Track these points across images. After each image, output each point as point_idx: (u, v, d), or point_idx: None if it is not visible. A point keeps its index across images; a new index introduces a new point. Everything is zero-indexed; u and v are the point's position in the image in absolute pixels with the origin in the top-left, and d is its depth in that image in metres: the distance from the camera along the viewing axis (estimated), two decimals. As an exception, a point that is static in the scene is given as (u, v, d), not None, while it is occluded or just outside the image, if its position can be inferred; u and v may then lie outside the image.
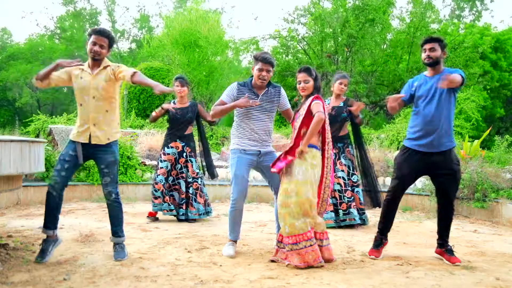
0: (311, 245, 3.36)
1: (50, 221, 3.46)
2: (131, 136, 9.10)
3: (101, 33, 3.46)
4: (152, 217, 5.34)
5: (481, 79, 14.53)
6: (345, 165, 5.07)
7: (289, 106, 3.95)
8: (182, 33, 11.73)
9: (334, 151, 5.05)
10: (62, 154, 3.46)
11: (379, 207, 5.04)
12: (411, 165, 3.65)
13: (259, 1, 40.72)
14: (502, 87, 16.25)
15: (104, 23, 34.14)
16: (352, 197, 5.02)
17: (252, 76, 3.77)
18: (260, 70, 3.65)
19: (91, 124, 3.44)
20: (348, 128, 5.28)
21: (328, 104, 5.13)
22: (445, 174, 3.60)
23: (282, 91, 3.87)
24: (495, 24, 36.25)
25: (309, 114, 3.48)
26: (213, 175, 5.55)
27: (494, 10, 45.65)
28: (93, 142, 3.45)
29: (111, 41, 3.52)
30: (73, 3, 31.79)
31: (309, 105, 3.48)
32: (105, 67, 3.51)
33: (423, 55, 3.67)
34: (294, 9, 15.01)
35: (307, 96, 3.58)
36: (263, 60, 3.64)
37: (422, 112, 3.60)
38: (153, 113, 5.31)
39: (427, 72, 3.73)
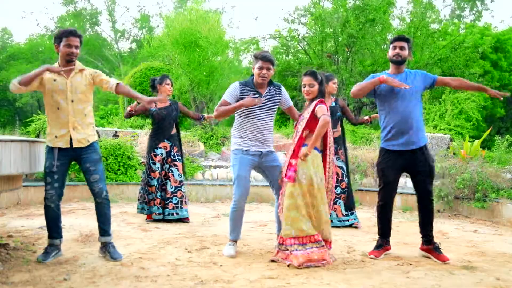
0: (317, 247, 3.37)
1: (54, 231, 3.48)
2: (131, 136, 9.10)
3: (74, 33, 3.41)
4: (151, 219, 5.32)
5: (481, 79, 14.52)
6: (338, 166, 5.06)
7: (291, 103, 3.95)
8: (182, 33, 11.71)
9: None
10: (47, 167, 3.43)
11: (354, 208, 5.18)
12: (394, 168, 3.70)
13: (259, 1, 40.70)
14: (503, 87, 16.22)
15: (104, 23, 34.14)
16: (336, 199, 5.04)
17: (253, 75, 3.76)
18: (261, 68, 3.65)
19: (70, 128, 3.41)
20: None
21: None
22: (423, 171, 3.66)
23: (283, 89, 3.89)
24: (495, 24, 36.22)
25: (313, 118, 3.50)
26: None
27: (495, 10, 45.63)
28: (75, 146, 3.43)
29: (81, 40, 3.49)
30: (73, 3, 31.76)
31: (313, 109, 3.50)
32: (80, 70, 3.49)
33: (393, 52, 3.68)
34: (294, 9, 15.01)
35: (311, 100, 3.60)
36: (263, 58, 3.65)
37: (398, 110, 3.63)
38: (128, 108, 5.19)
39: (390, 70, 3.75)
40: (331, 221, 5.00)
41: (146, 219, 5.31)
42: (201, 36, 11.49)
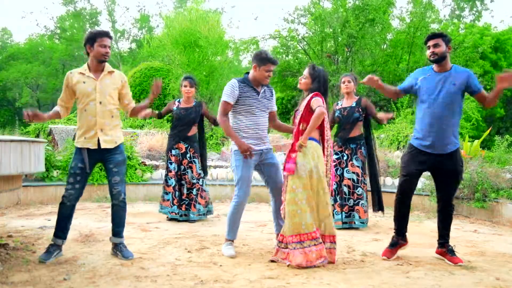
0: (315, 245, 3.36)
1: (61, 230, 3.49)
2: (131, 136, 9.10)
3: (108, 34, 3.49)
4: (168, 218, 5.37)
5: (481, 79, 14.54)
6: (357, 166, 5.01)
7: (275, 108, 4.02)
8: (182, 33, 11.73)
9: (347, 152, 5.04)
10: (72, 167, 3.45)
11: (382, 211, 5.04)
12: (416, 163, 3.62)
13: (259, 1, 40.71)
14: (502, 87, 16.22)
15: (104, 23, 34.13)
16: (358, 201, 4.98)
17: (247, 73, 3.81)
18: (269, 70, 3.70)
19: (98, 129, 3.44)
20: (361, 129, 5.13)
21: (341, 105, 5.12)
22: (448, 174, 3.59)
23: (273, 91, 3.97)
24: (495, 24, 36.23)
25: (308, 110, 3.51)
26: (205, 172, 5.56)
27: (494, 10, 45.73)
28: (102, 147, 3.46)
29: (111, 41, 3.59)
30: (73, 3, 31.79)
31: (308, 102, 3.52)
32: (110, 72, 3.53)
33: (428, 52, 3.58)
34: (294, 9, 15.03)
35: (308, 93, 3.61)
36: (274, 62, 3.71)
37: (428, 110, 3.54)
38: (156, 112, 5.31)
39: (434, 67, 3.63)
40: (354, 222, 5.00)
41: (167, 219, 5.38)
42: (201, 36, 11.50)
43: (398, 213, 3.76)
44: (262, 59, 3.68)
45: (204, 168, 5.47)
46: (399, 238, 3.76)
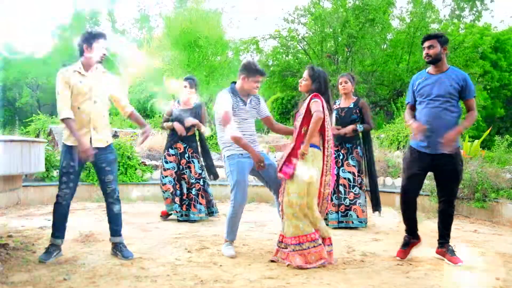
0: (314, 246, 3.36)
1: (59, 230, 3.49)
2: (131, 136, 9.09)
3: (106, 37, 3.50)
4: (165, 215, 5.37)
5: (481, 79, 14.54)
6: (353, 165, 5.00)
7: (269, 114, 4.02)
8: (182, 33, 11.75)
9: (343, 152, 5.04)
10: (64, 167, 3.44)
11: (379, 212, 5.05)
12: (418, 165, 3.63)
13: (259, 1, 40.69)
14: (502, 87, 16.26)
15: (104, 23, 34.14)
16: (355, 200, 4.98)
17: (234, 82, 3.83)
18: (258, 81, 3.72)
19: (91, 127, 3.45)
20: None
21: (338, 104, 5.11)
22: (448, 174, 3.60)
23: (261, 99, 3.98)
24: (495, 24, 36.14)
25: (308, 113, 3.51)
26: (215, 176, 5.53)
27: (494, 10, 45.60)
28: (94, 145, 3.45)
29: None
30: (73, 3, 31.77)
31: (308, 104, 3.51)
32: (103, 73, 3.54)
33: (423, 54, 3.63)
34: (294, 9, 15.03)
35: (309, 94, 3.62)
36: (263, 73, 3.73)
37: (425, 111, 3.56)
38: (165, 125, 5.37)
39: (430, 69, 3.67)
40: (352, 222, 4.99)
41: (160, 215, 5.38)
42: (201, 36, 11.51)
43: (403, 214, 3.78)
44: (251, 70, 3.69)
45: (212, 170, 5.44)
46: (410, 238, 3.77)
